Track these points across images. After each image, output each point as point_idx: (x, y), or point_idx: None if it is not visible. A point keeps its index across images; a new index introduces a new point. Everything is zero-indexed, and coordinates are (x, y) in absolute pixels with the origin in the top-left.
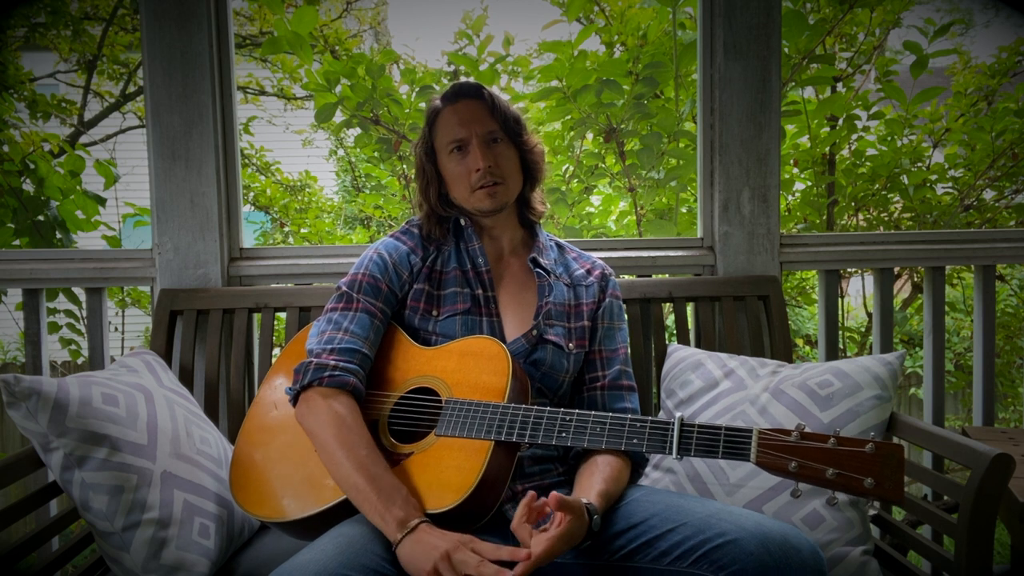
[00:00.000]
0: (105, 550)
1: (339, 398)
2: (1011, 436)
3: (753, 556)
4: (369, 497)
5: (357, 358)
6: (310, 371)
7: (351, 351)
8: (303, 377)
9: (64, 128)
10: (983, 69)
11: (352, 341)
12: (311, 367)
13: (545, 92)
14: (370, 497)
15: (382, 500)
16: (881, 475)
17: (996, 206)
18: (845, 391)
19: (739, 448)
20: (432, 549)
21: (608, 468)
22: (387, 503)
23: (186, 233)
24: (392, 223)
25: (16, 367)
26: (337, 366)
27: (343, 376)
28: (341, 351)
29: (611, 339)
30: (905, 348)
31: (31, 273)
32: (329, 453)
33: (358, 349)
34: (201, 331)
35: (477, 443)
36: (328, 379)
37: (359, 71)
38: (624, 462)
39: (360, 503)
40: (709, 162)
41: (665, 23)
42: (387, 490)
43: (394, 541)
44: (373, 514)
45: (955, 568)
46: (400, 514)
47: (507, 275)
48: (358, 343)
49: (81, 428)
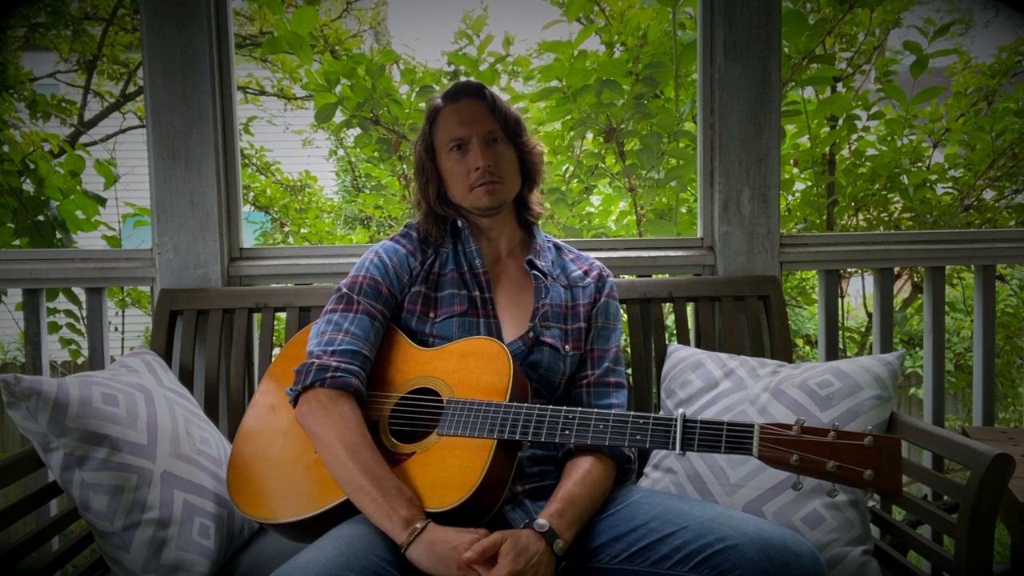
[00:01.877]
0: (105, 550)
1: (341, 399)
2: (1011, 436)
3: (754, 562)
4: (375, 498)
5: (358, 360)
6: (312, 372)
7: (352, 352)
8: (305, 378)
9: (64, 128)
10: (983, 69)
11: (353, 343)
12: (313, 368)
13: (545, 92)
14: (376, 498)
15: (388, 501)
16: (880, 467)
17: (996, 206)
18: (845, 391)
19: (741, 442)
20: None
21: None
22: (392, 504)
23: (186, 233)
24: (392, 223)
25: (16, 367)
26: (339, 367)
27: (345, 377)
28: (343, 352)
29: (604, 339)
30: (905, 348)
31: (31, 273)
32: (332, 454)
33: (359, 351)
34: (201, 331)
35: (479, 442)
36: (330, 380)
37: (359, 71)
38: (605, 465)
39: (364, 504)
40: (709, 162)
41: (665, 23)
42: (392, 492)
43: (402, 543)
44: (379, 515)
45: (955, 568)
46: (405, 514)
47: (504, 277)
48: (359, 344)
49: (81, 428)
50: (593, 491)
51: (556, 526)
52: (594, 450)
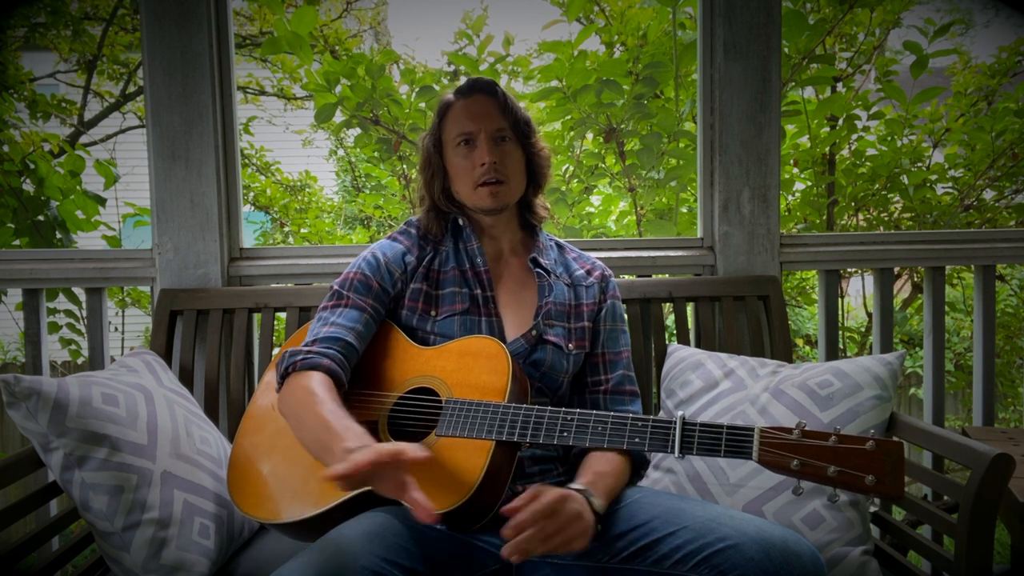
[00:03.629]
0: (105, 550)
1: (311, 375)
2: (1011, 436)
3: (754, 561)
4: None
5: (338, 344)
6: (284, 360)
7: (332, 339)
8: (280, 368)
9: (64, 128)
10: (983, 69)
11: (335, 331)
12: (286, 356)
13: (545, 92)
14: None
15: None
16: (882, 472)
17: (996, 206)
18: (845, 391)
19: (741, 447)
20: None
21: (604, 459)
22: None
23: (186, 233)
24: (392, 223)
25: (16, 367)
26: (311, 352)
27: (315, 359)
28: (322, 340)
29: (614, 342)
30: (905, 348)
31: (31, 273)
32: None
33: (340, 337)
34: (201, 331)
35: (478, 443)
36: (300, 363)
37: (359, 71)
38: (624, 458)
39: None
40: (709, 162)
41: (665, 23)
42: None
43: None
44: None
45: (955, 568)
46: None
47: (506, 275)
48: (341, 332)
49: (81, 428)
50: (619, 475)
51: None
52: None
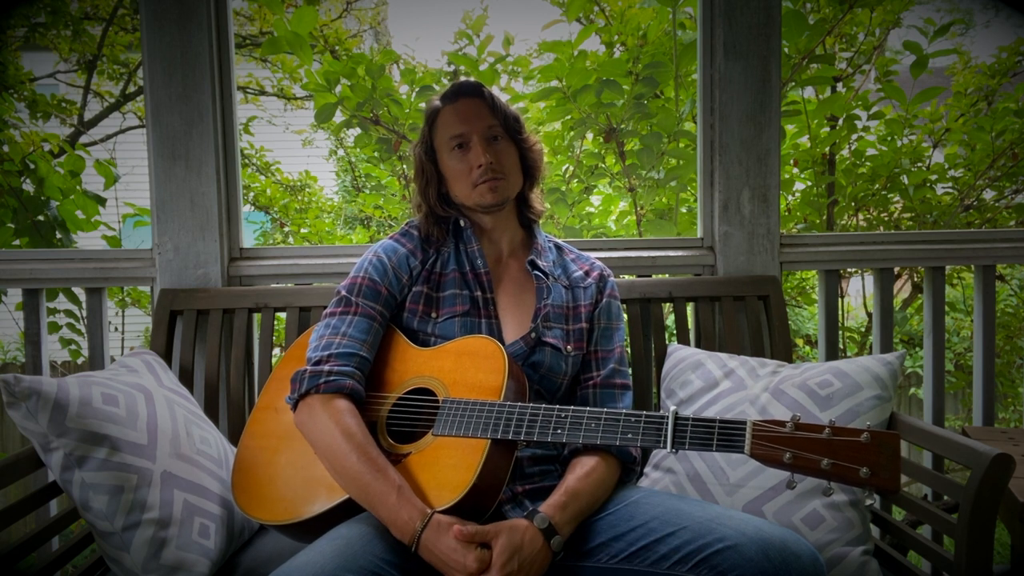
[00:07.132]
0: (105, 550)
1: (337, 402)
2: (1011, 436)
3: (753, 562)
4: (384, 495)
5: (355, 361)
6: (306, 379)
7: (348, 355)
8: (300, 386)
9: (64, 128)
10: (983, 69)
11: (350, 345)
12: (307, 375)
13: (545, 92)
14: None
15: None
16: (877, 464)
17: (996, 206)
18: (845, 391)
19: (733, 440)
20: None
21: (584, 471)
22: (400, 498)
23: (186, 233)
24: (392, 223)
25: (16, 367)
26: (332, 371)
27: (339, 380)
28: (338, 356)
29: (608, 339)
30: (905, 348)
31: (31, 273)
32: (331, 456)
33: (356, 352)
34: (201, 331)
35: (474, 442)
36: (324, 385)
37: (359, 71)
38: (608, 465)
39: (370, 497)
40: (709, 162)
41: (665, 23)
42: (400, 488)
43: (414, 532)
44: (386, 507)
45: (955, 568)
46: (419, 504)
47: (506, 277)
48: (356, 346)
49: (81, 428)
50: (595, 489)
51: (557, 520)
52: (601, 449)
